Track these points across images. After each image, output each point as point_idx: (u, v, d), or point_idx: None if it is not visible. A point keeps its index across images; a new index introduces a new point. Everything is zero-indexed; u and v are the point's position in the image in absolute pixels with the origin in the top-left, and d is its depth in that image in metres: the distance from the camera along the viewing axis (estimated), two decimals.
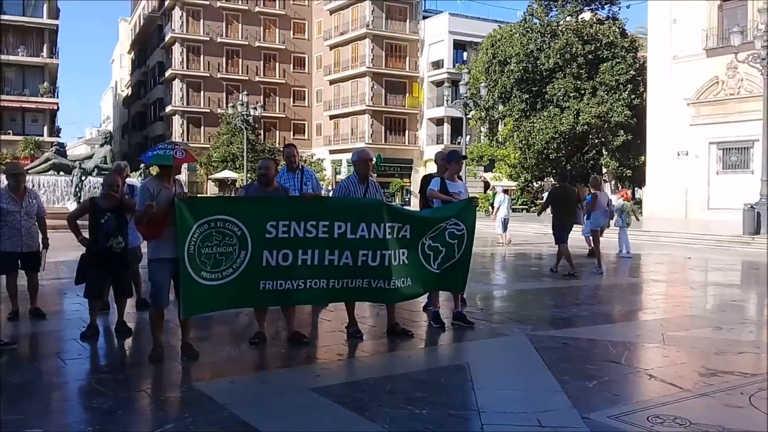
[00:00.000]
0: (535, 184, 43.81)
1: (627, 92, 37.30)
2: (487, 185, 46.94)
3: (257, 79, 56.83)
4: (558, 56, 37.79)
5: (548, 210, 12.69)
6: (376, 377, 5.24)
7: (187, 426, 4.08)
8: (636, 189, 42.38)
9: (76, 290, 7.97)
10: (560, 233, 11.93)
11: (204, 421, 4.16)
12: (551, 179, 44.95)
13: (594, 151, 39.96)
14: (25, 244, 7.30)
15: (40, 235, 7.47)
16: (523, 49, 38.93)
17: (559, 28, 39.21)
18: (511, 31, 41.24)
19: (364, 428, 4.10)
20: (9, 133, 47.32)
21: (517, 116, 40.08)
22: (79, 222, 6.87)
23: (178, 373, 5.43)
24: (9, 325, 6.94)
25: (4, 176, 7.93)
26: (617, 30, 39.82)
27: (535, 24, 40.21)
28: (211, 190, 50.98)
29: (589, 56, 38.19)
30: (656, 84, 32.86)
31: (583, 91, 38.10)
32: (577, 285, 11.24)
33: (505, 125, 43.40)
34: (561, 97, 38.34)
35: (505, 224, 19.63)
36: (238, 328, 7.19)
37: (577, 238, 14.12)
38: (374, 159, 7.11)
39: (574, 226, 12.42)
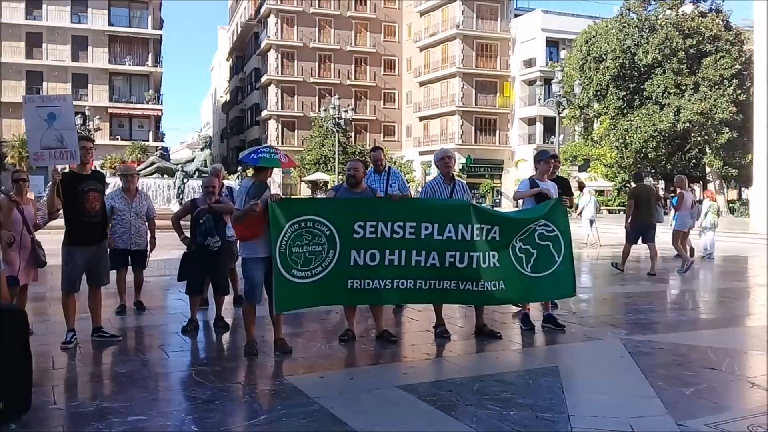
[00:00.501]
0: (632, 184, 42.26)
1: (732, 87, 35.43)
2: (581, 186, 45.69)
3: (348, 82, 57.68)
4: (657, 51, 36.38)
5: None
6: (464, 377, 5.23)
7: (279, 418, 4.23)
8: (743, 189, 40.15)
9: (178, 287, 8.40)
10: (635, 234, 11.93)
11: (295, 413, 4.30)
12: (650, 179, 43.28)
13: (696, 150, 38.17)
14: (134, 242, 7.79)
15: (149, 234, 7.92)
16: (619, 45, 37.71)
17: (658, 22, 37.73)
18: (606, 26, 40.01)
19: (451, 427, 4.12)
20: (118, 139, 50.23)
21: (613, 114, 38.84)
22: (182, 222, 7.27)
23: (271, 367, 5.62)
24: (117, 319, 7.40)
25: (118, 178, 8.51)
26: (721, 23, 37.90)
27: (633, 19, 38.88)
28: (304, 191, 52.16)
29: (691, 50, 36.54)
30: (764, 78, 30.99)
31: (684, 87, 36.49)
32: (677, 289, 10.84)
33: (600, 124, 42.10)
34: (660, 94, 36.87)
35: (591, 225, 19.18)
36: (329, 325, 7.36)
37: (665, 240, 13.64)
38: (454, 156, 7.08)
39: (658, 224, 12.22)
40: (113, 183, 14.34)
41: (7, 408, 4.10)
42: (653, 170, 40.78)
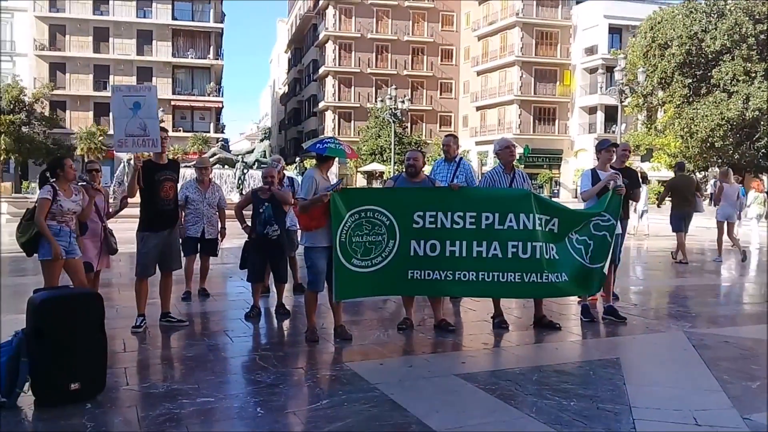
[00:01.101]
0: (698, 174, 40.88)
1: None
2: (644, 176, 44.45)
3: (405, 72, 57.65)
4: (725, 37, 35.01)
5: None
6: (523, 367, 5.23)
7: (341, 402, 4.33)
8: None
9: (239, 274, 8.63)
10: (677, 222, 12.32)
11: (356, 398, 4.39)
12: (716, 169, 41.82)
13: (766, 139, 36.62)
14: (207, 231, 8.06)
15: (219, 224, 8.18)
16: (686, 31, 36.43)
17: (727, 7, 36.28)
18: (672, 12, 38.68)
19: (511, 415, 4.14)
20: (180, 130, 51.55)
21: (678, 102, 37.60)
22: (244, 212, 7.47)
23: (331, 354, 5.73)
24: (182, 305, 7.65)
25: (193, 169, 8.91)
26: None
27: (700, 4, 37.50)
28: (360, 182, 52.48)
29: (761, 36, 35.01)
30: None
31: (753, 74, 35.01)
32: (741, 282, 10.52)
33: (664, 112, 40.86)
34: (728, 82, 35.50)
35: (641, 215, 18.93)
36: (386, 314, 7.44)
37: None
38: (516, 146, 7.01)
39: (695, 214, 12.63)
40: (184, 174, 14.77)
41: (83, 387, 4.32)
42: (720, 160, 39.35)
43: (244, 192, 24.94)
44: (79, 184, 6.21)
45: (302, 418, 4.14)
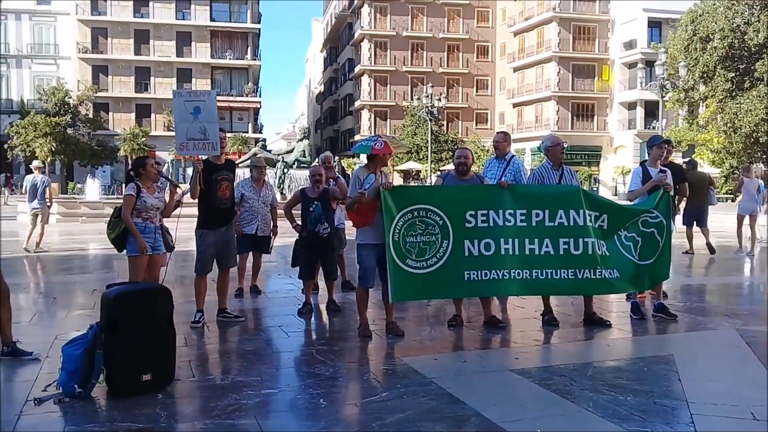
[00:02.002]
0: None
1: None
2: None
3: (441, 70, 57.52)
4: None
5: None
6: (576, 363, 5.29)
7: (400, 395, 4.46)
8: None
9: (288, 272, 8.82)
10: (689, 217, 12.85)
11: (415, 391, 4.52)
12: (761, 165, 40.94)
13: None
14: (261, 228, 8.29)
15: (272, 222, 8.39)
16: (728, 24, 35.69)
17: None
18: (714, 4, 37.94)
19: (568, 409, 4.22)
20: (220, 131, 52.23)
21: (721, 97, 36.84)
22: (294, 211, 7.65)
23: (384, 349, 5.86)
24: (235, 301, 7.86)
25: (247, 170, 9.18)
26: None
27: None
28: (396, 180, 52.58)
29: None
30: None
31: None
32: None
33: (707, 107, 40.09)
34: None
35: None
36: (434, 311, 7.53)
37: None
38: (565, 144, 7.03)
39: (710, 207, 13.22)
40: (240, 173, 15.05)
41: (154, 379, 4.53)
42: (765, 156, 38.49)
43: (284, 192, 25.27)
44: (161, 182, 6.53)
45: (363, 409, 4.27)
